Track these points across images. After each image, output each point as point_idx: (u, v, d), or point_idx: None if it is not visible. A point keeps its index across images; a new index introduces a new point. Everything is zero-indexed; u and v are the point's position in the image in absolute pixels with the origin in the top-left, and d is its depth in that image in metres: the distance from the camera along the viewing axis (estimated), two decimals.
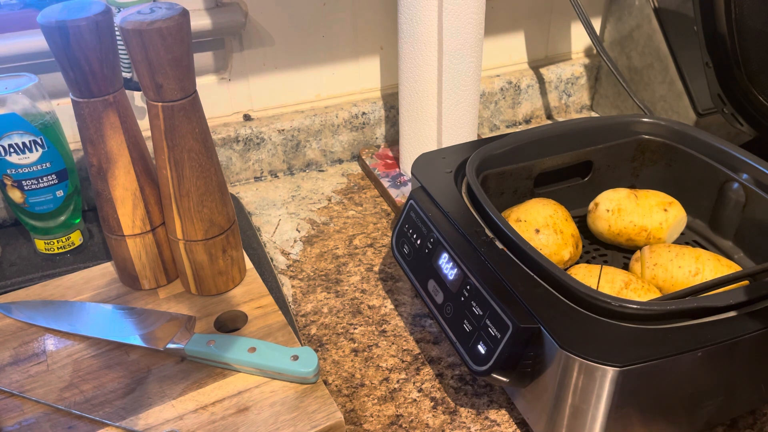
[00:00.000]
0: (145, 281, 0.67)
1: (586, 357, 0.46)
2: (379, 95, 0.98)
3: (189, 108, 0.58)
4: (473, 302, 0.54)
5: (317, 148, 0.95)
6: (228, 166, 0.91)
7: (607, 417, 0.48)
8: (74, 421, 0.54)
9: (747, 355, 0.51)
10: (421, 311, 0.69)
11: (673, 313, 0.49)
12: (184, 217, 0.62)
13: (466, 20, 0.76)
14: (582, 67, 1.08)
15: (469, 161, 0.66)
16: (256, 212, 0.87)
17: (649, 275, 0.63)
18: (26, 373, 0.58)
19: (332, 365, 0.63)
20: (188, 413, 0.54)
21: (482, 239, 0.57)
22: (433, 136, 0.84)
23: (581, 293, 0.50)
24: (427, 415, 0.58)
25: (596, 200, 0.71)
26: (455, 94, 0.80)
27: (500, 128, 1.06)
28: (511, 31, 1.04)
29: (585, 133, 0.73)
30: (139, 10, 0.54)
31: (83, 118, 0.59)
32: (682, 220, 0.69)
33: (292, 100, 0.94)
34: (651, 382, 0.48)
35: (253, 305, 0.65)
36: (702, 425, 0.55)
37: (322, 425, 0.53)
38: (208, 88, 0.88)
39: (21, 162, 0.69)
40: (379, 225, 0.83)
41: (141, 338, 0.60)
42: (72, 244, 0.76)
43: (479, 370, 0.52)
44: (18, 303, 0.66)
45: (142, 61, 0.54)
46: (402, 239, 0.66)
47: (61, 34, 0.54)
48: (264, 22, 0.87)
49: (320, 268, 0.76)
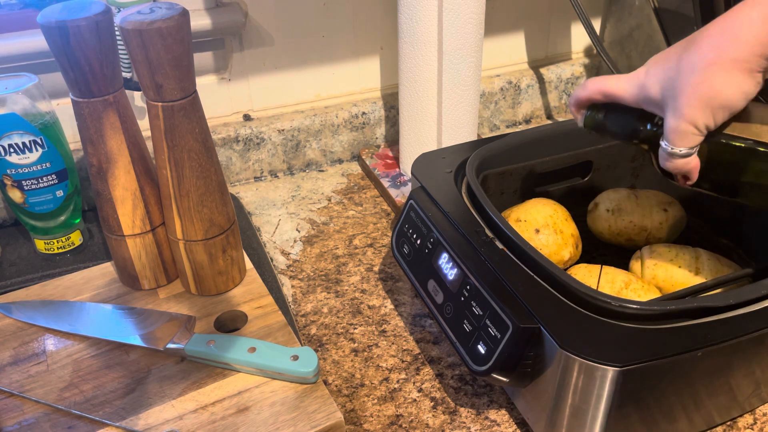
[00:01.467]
0: (145, 281, 0.67)
1: (586, 357, 0.46)
2: (379, 95, 0.98)
3: (189, 108, 0.58)
4: (473, 302, 0.54)
5: (317, 148, 0.95)
6: (228, 166, 0.91)
7: (607, 417, 0.48)
8: (74, 421, 0.54)
9: (747, 355, 0.51)
10: (421, 311, 0.69)
11: (673, 313, 0.49)
12: (184, 217, 0.62)
13: (466, 20, 0.76)
14: (582, 67, 1.08)
15: (469, 161, 0.66)
16: (256, 212, 0.87)
17: (649, 275, 0.63)
18: (26, 373, 0.58)
19: (332, 365, 0.63)
20: (188, 413, 0.54)
21: (482, 239, 0.57)
22: (433, 136, 0.84)
23: (581, 293, 0.50)
24: (427, 415, 0.58)
25: (596, 200, 0.71)
26: (455, 94, 0.80)
27: (500, 128, 1.06)
28: (511, 31, 1.04)
29: (585, 133, 0.73)
30: (139, 10, 0.54)
31: (83, 118, 0.59)
32: (682, 220, 0.69)
33: (292, 100, 0.94)
34: (651, 382, 0.48)
35: (253, 305, 0.65)
36: (702, 425, 0.55)
37: (322, 425, 0.53)
38: (208, 88, 0.88)
39: (21, 162, 0.69)
40: (379, 225, 0.83)
41: (141, 338, 0.60)
42: (72, 244, 0.76)
43: (479, 370, 0.52)
44: (18, 303, 0.66)
45: (142, 61, 0.54)
46: (402, 239, 0.66)
47: (61, 34, 0.54)
48: (264, 22, 0.87)
49: (320, 268, 0.76)
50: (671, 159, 0.50)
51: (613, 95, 0.53)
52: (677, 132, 0.48)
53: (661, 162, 0.51)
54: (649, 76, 0.50)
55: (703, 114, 0.47)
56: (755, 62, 0.45)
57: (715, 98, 0.46)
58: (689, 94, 0.47)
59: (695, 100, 0.47)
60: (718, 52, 0.45)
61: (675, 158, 0.50)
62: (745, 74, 0.45)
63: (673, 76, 0.48)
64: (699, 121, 0.47)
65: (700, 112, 0.47)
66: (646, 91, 0.50)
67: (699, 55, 0.46)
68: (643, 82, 0.50)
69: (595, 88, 0.54)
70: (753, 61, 0.45)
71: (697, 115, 0.47)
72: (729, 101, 0.46)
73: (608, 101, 0.54)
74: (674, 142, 0.49)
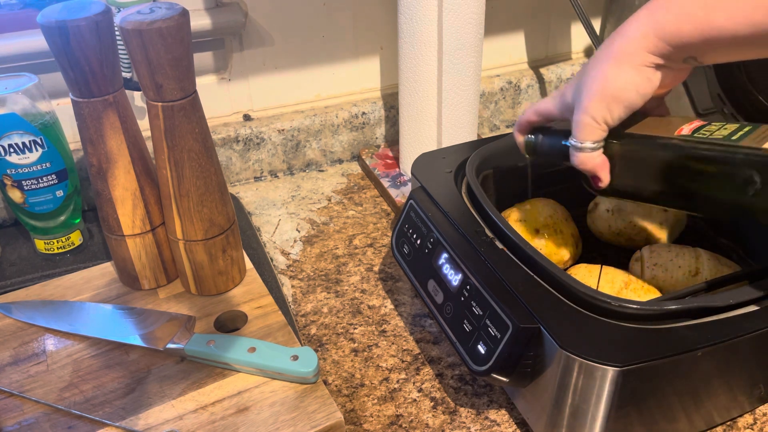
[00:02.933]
0: (145, 281, 0.67)
1: (586, 357, 0.46)
2: (379, 95, 0.98)
3: (189, 108, 0.58)
4: (473, 302, 0.54)
5: (317, 148, 0.95)
6: (228, 166, 0.91)
7: (607, 417, 0.48)
8: (74, 421, 0.54)
9: (747, 355, 0.51)
10: (421, 311, 0.69)
11: (673, 313, 0.49)
12: (184, 217, 0.62)
13: (466, 20, 0.76)
14: (582, 67, 1.08)
15: (469, 161, 0.66)
16: (256, 212, 0.87)
17: (649, 275, 0.63)
18: (26, 373, 0.58)
19: (332, 365, 0.63)
20: (188, 413, 0.54)
21: (482, 239, 0.57)
22: (433, 136, 0.84)
23: (581, 293, 0.50)
24: (427, 415, 0.58)
25: (596, 200, 0.71)
26: (455, 94, 0.80)
27: (500, 128, 1.06)
28: (511, 31, 1.04)
29: None
30: (139, 10, 0.54)
31: (83, 118, 0.59)
32: (682, 220, 0.69)
33: (292, 100, 0.94)
34: (651, 382, 0.48)
35: (253, 305, 0.65)
36: (702, 425, 0.55)
37: (322, 425, 0.53)
38: (208, 88, 0.88)
39: (21, 162, 0.69)
40: (379, 225, 0.83)
41: (141, 338, 0.60)
42: (72, 244, 0.76)
43: (479, 370, 0.52)
44: (18, 303, 0.66)
45: (142, 61, 0.54)
46: (402, 239, 0.66)
47: (61, 34, 0.54)
48: (264, 22, 0.87)
49: (320, 268, 0.76)
50: (577, 155, 0.52)
51: (543, 111, 0.56)
52: (579, 125, 0.51)
53: (571, 160, 0.53)
54: (568, 85, 0.53)
55: (599, 106, 0.49)
56: (641, 57, 0.47)
57: (607, 90, 0.49)
58: (588, 87, 0.50)
59: (592, 92, 0.49)
60: (612, 48, 0.49)
61: (579, 153, 0.52)
62: (633, 68, 0.48)
63: (581, 77, 0.51)
64: (597, 113, 0.50)
65: (597, 104, 0.49)
66: (564, 98, 0.53)
67: (599, 53, 0.50)
68: (563, 91, 0.54)
69: (530, 110, 0.57)
70: (639, 55, 0.47)
71: (594, 107, 0.50)
72: (620, 94, 0.49)
73: (542, 120, 0.57)
74: (577, 135, 0.51)
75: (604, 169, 0.53)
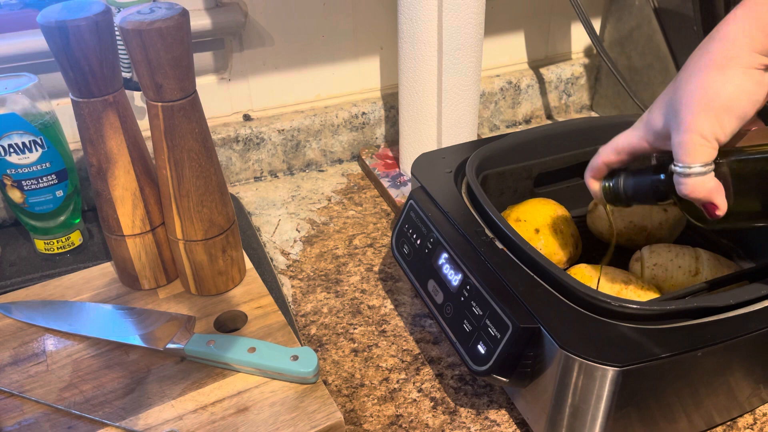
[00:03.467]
0: (145, 281, 0.67)
1: (586, 357, 0.46)
2: (379, 95, 0.98)
3: (189, 108, 0.58)
4: (473, 302, 0.54)
5: (317, 148, 0.95)
6: (228, 166, 0.91)
7: (607, 417, 0.48)
8: (74, 421, 0.54)
9: (747, 355, 0.51)
10: (421, 311, 0.69)
11: (673, 313, 0.49)
12: (184, 217, 0.61)
13: (466, 20, 0.76)
14: (582, 67, 1.08)
15: (469, 161, 0.66)
16: (256, 212, 0.87)
17: (649, 275, 0.63)
18: (26, 373, 0.58)
19: (332, 365, 0.63)
20: (188, 413, 0.54)
21: (482, 239, 0.57)
22: (433, 136, 0.84)
23: (581, 293, 0.50)
24: (427, 415, 0.58)
25: (596, 200, 0.71)
26: (455, 94, 0.80)
27: (500, 128, 1.06)
28: (511, 31, 1.04)
29: (585, 133, 0.73)
30: (139, 10, 0.54)
31: (83, 118, 0.59)
32: (682, 220, 0.69)
33: (292, 100, 0.94)
34: (651, 382, 0.48)
35: (252, 305, 0.65)
36: (702, 425, 0.55)
37: (322, 425, 0.53)
38: (208, 88, 0.88)
39: (21, 162, 0.69)
40: (379, 225, 0.83)
41: (141, 338, 0.60)
42: (72, 244, 0.76)
43: (479, 370, 0.52)
44: (18, 303, 0.66)
45: (142, 61, 0.54)
46: (402, 239, 0.66)
47: (61, 34, 0.54)
48: (264, 22, 0.87)
49: (320, 268, 0.76)
50: (686, 181, 0.45)
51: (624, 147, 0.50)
52: (685, 146, 0.44)
53: (678, 190, 0.46)
54: (652, 111, 0.48)
55: (707, 120, 0.43)
56: (748, 58, 0.43)
57: (715, 100, 0.43)
58: (688, 103, 0.44)
59: (695, 106, 0.44)
60: (710, 55, 0.44)
61: (689, 179, 0.45)
62: (741, 72, 0.43)
63: (672, 95, 0.46)
64: (705, 129, 0.44)
65: (704, 118, 0.43)
66: (651, 125, 0.48)
67: (692, 63, 0.45)
68: (647, 119, 0.48)
69: (606, 150, 0.51)
70: (745, 57, 0.43)
71: (701, 122, 0.43)
72: (731, 102, 0.43)
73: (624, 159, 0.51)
74: (684, 159, 0.44)
75: (720, 193, 0.45)
